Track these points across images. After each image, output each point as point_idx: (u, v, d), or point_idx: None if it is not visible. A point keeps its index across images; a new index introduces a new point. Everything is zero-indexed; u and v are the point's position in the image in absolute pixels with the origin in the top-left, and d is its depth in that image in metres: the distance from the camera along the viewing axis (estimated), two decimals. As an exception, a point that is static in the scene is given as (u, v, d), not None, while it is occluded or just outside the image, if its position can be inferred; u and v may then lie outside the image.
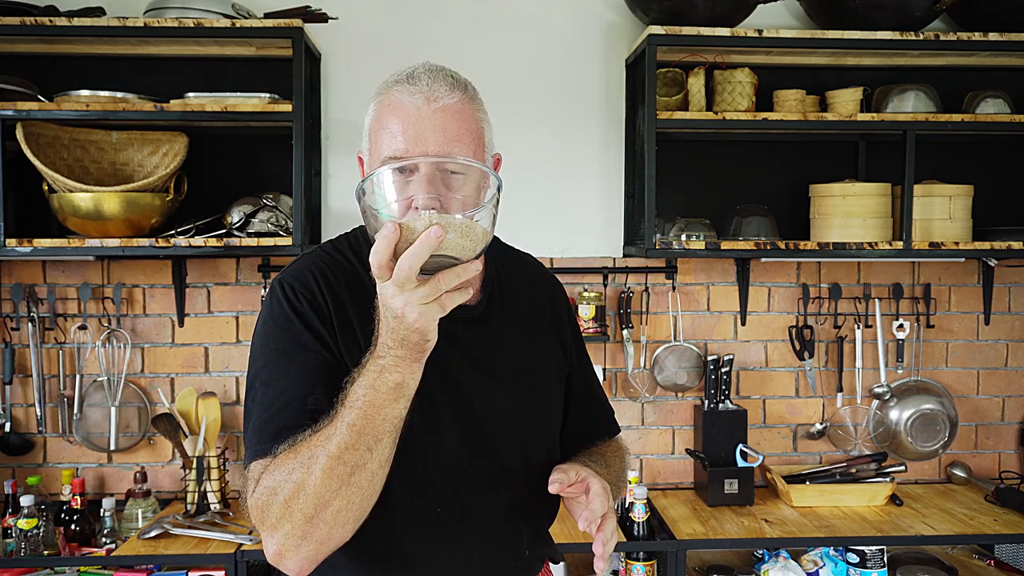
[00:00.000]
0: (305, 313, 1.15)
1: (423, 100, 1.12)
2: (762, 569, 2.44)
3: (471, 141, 1.15)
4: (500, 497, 1.23)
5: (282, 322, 1.15)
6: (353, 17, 2.60)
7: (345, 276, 1.21)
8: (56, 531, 2.33)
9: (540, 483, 1.23)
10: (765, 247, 2.48)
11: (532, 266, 1.44)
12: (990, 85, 2.64)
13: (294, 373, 1.11)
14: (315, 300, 1.16)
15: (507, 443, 1.24)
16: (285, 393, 1.10)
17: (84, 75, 2.53)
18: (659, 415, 2.79)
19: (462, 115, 1.15)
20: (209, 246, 2.35)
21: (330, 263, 1.22)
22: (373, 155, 1.18)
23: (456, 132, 1.13)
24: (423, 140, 1.12)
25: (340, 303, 1.17)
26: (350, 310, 1.17)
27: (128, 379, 2.64)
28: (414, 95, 1.13)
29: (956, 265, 2.81)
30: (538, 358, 1.32)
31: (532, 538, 1.28)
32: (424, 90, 1.13)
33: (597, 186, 2.73)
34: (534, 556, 1.29)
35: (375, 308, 1.02)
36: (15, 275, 2.63)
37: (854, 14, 2.43)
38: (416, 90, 1.13)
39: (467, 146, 1.14)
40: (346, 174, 2.68)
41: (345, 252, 1.26)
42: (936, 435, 2.74)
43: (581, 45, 2.71)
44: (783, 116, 2.46)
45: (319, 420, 1.04)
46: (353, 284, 1.20)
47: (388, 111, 1.15)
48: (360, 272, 1.22)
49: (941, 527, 2.39)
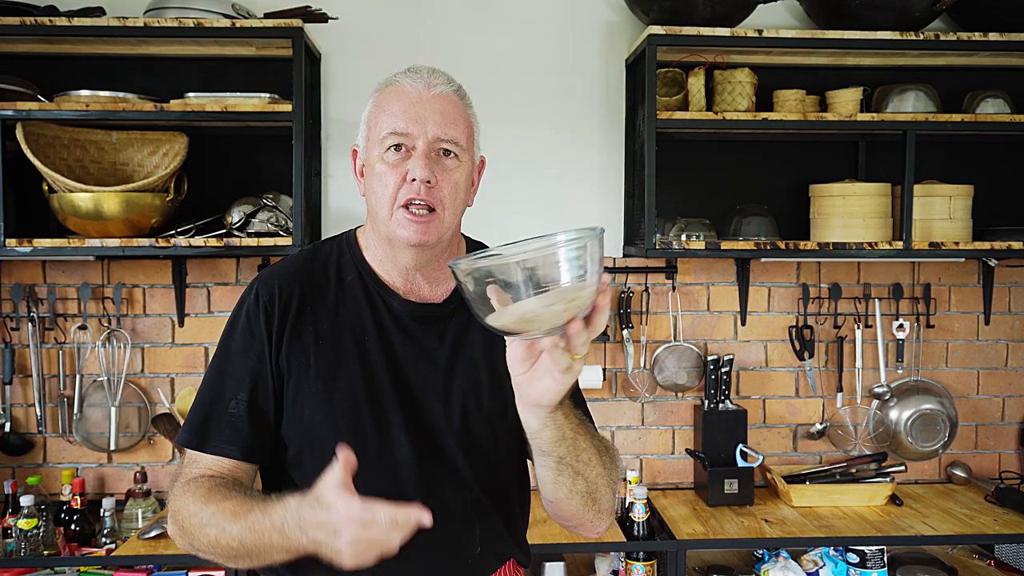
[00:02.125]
0: (256, 321, 1.25)
1: (423, 85, 1.22)
2: (762, 569, 2.44)
3: (465, 127, 1.24)
4: (448, 495, 1.24)
5: (235, 326, 1.28)
6: (353, 17, 2.60)
7: (312, 278, 1.29)
8: (56, 531, 2.33)
9: (496, 482, 1.28)
10: (765, 247, 2.48)
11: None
12: (990, 85, 2.64)
13: (229, 375, 1.25)
14: (271, 306, 1.25)
15: (458, 442, 1.25)
16: (215, 391, 1.25)
17: (84, 75, 2.53)
18: (659, 415, 2.79)
19: (458, 104, 1.24)
20: (209, 246, 2.35)
21: (301, 265, 1.31)
22: (371, 138, 1.25)
23: (452, 116, 1.22)
24: (423, 120, 1.20)
25: (300, 306, 1.26)
26: (307, 312, 1.26)
27: (128, 379, 2.64)
28: (415, 80, 1.23)
29: (956, 265, 2.81)
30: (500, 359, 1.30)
31: (486, 536, 1.28)
32: (424, 77, 1.23)
33: (597, 186, 2.73)
34: (489, 554, 1.29)
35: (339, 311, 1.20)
36: (15, 275, 2.63)
37: (854, 14, 2.43)
38: (417, 77, 1.23)
39: (461, 130, 1.23)
40: (346, 174, 2.68)
41: (323, 254, 1.33)
42: (936, 435, 2.74)
43: (581, 45, 2.70)
44: (783, 116, 2.46)
45: (237, 422, 1.22)
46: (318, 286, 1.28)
47: (389, 95, 1.24)
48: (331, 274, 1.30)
49: (941, 527, 2.39)
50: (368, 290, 1.28)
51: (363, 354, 1.25)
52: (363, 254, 1.31)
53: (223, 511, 1.13)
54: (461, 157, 1.23)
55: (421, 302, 1.29)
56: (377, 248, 1.29)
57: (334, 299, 1.28)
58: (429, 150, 1.20)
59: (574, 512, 1.21)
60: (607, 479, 1.20)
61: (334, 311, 1.26)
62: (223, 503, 1.14)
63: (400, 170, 1.20)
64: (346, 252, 1.32)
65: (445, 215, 1.22)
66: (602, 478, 1.18)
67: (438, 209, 1.21)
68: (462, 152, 1.23)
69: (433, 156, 1.21)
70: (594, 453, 1.17)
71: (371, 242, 1.30)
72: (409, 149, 1.20)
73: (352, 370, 1.24)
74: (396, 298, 1.28)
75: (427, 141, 1.20)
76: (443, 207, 1.22)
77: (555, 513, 1.25)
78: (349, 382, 1.23)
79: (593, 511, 1.21)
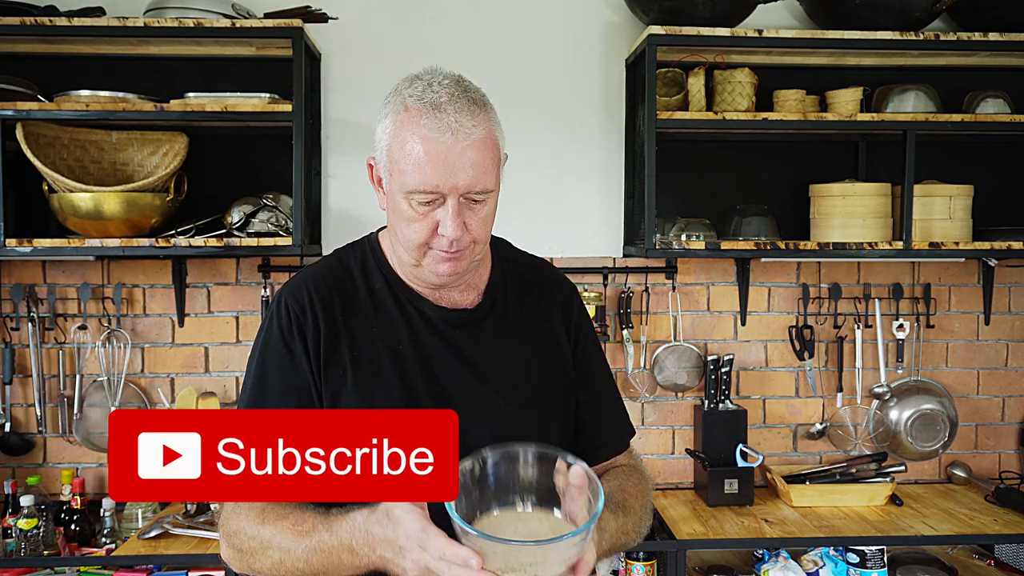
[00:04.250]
0: (290, 334, 1.22)
1: (451, 137, 1.13)
2: (762, 569, 2.44)
3: (494, 166, 1.18)
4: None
5: (269, 341, 1.24)
6: (353, 17, 2.60)
7: (340, 288, 1.26)
8: (56, 531, 2.33)
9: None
10: (765, 247, 2.48)
11: (542, 272, 1.41)
12: (990, 85, 2.64)
13: (269, 392, 1.21)
14: (303, 319, 1.22)
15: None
16: (256, 406, 1.21)
17: (84, 75, 2.53)
18: (659, 415, 2.79)
19: (487, 145, 1.16)
20: (209, 246, 2.35)
21: (330, 275, 1.28)
22: (395, 180, 1.18)
23: (483, 164, 1.15)
24: (453, 174, 1.13)
25: (331, 317, 1.23)
26: (340, 323, 1.23)
27: (128, 379, 2.64)
28: (442, 132, 1.13)
29: (956, 265, 2.81)
30: (536, 365, 1.30)
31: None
32: (452, 124, 1.13)
33: (597, 186, 2.73)
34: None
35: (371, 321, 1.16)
36: (15, 275, 2.63)
37: (854, 14, 2.43)
38: (443, 125, 1.13)
39: (492, 174, 1.17)
40: (346, 174, 2.68)
41: (348, 262, 1.30)
42: (936, 435, 2.74)
43: (581, 45, 2.70)
44: (783, 116, 2.46)
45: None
46: (348, 296, 1.25)
47: (413, 139, 1.14)
48: (359, 283, 1.27)
49: (941, 527, 2.39)
50: (398, 297, 1.26)
51: (400, 363, 1.23)
52: (388, 260, 1.29)
53: (283, 530, 1.11)
54: (491, 192, 1.19)
55: (453, 308, 1.27)
56: (403, 258, 1.25)
57: (366, 308, 1.25)
58: (460, 205, 1.15)
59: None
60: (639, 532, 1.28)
61: (367, 320, 1.24)
62: (281, 523, 1.12)
63: (429, 221, 1.16)
64: (370, 258, 1.29)
65: (477, 248, 1.21)
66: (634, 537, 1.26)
67: (469, 247, 1.20)
68: (492, 191, 1.19)
69: (463, 202, 1.16)
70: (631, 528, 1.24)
71: (395, 250, 1.27)
72: (437, 200, 1.15)
73: (389, 379, 1.22)
74: (428, 305, 1.26)
75: (458, 194, 1.14)
76: (475, 243, 1.20)
77: None
78: (387, 392, 1.21)
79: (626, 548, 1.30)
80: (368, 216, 2.60)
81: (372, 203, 1.29)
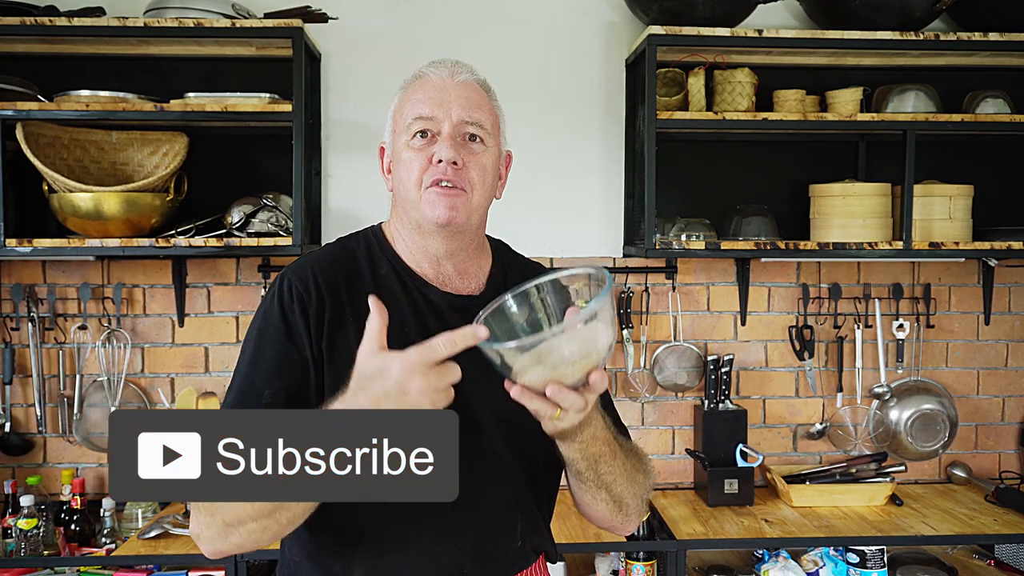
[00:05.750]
0: (291, 310, 1.20)
1: (448, 73, 1.24)
2: (762, 569, 2.44)
3: (490, 114, 1.26)
4: (494, 489, 1.24)
5: (269, 315, 1.21)
6: (353, 17, 2.60)
7: (346, 271, 1.26)
8: (56, 531, 2.33)
9: (537, 477, 1.28)
10: (765, 247, 2.48)
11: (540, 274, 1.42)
12: (990, 85, 2.64)
13: (263, 366, 1.19)
14: (307, 297, 1.20)
15: (503, 437, 1.24)
16: (248, 382, 1.18)
17: (84, 75, 2.53)
18: (659, 415, 2.79)
19: (482, 93, 1.27)
20: (209, 246, 2.35)
21: (334, 258, 1.28)
22: (398, 129, 1.25)
23: (477, 101, 1.24)
24: (447, 104, 1.22)
25: (337, 299, 1.22)
26: (346, 306, 1.22)
27: (128, 379, 2.64)
28: (439, 70, 1.25)
29: (956, 265, 2.81)
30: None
31: (527, 530, 1.29)
32: (449, 67, 1.25)
33: (597, 186, 2.73)
34: (527, 547, 1.30)
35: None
36: (15, 275, 2.63)
37: (854, 14, 2.43)
38: (441, 67, 1.25)
39: (487, 115, 1.24)
40: (346, 174, 2.68)
41: (353, 248, 1.30)
42: (936, 435, 2.74)
43: (581, 45, 2.71)
44: (783, 116, 2.46)
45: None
46: (353, 281, 1.25)
47: (414, 87, 1.25)
48: (364, 268, 1.27)
49: (941, 527, 2.39)
50: (404, 282, 1.27)
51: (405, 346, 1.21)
52: (392, 247, 1.30)
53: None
54: (487, 142, 1.24)
55: (458, 294, 1.28)
56: (406, 238, 1.28)
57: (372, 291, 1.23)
58: (455, 133, 1.21)
59: (601, 517, 1.28)
60: (633, 490, 1.24)
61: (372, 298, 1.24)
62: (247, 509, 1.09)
63: (426, 153, 1.21)
64: (375, 246, 1.30)
65: (474, 196, 1.22)
66: (628, 490, 1.23)
67: (467, 190, 1.21)
68: (488, 137, 1.24)
69: (459, 140, 1.21)
70: (620, 467, 1.20)
71: (399, 233, 1.29)
72: (435, 134, 1.21)
73: None
74: (434, 290, 1.27)
75: (452, 124, 1.20)
76: (471, 188, 1.21)
77: (585, 515, 1.31)
78: None
79: (620, 516, 1.27)
80: (368, 216, 2.59)
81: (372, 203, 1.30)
